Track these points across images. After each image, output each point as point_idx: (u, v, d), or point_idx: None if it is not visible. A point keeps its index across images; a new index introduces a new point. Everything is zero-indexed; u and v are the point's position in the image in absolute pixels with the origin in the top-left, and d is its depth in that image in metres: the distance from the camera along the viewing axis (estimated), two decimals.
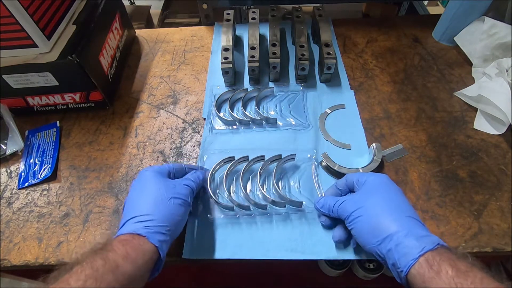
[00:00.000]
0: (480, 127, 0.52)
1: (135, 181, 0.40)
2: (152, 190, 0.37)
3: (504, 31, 0.56)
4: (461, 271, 0.27)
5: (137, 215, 0.35)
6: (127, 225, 0.34)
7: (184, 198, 0.38)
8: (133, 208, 0.36)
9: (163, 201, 0.36)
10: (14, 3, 0.43)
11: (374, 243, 0.33)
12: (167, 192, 0.37)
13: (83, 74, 0.50)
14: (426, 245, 0.30)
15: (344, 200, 0.38)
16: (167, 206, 0.36)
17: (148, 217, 0.34)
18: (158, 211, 0.35)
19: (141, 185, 0.38)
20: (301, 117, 0.55)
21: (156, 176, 0.38)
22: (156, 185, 0.37)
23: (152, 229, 0.34)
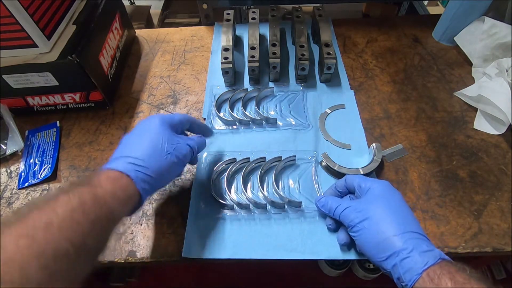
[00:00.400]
0: (480, 127, 0.52)
1: (141, 122, 0.39)
2: (154, 138, 0.36)
3: (504, 31, 0.56)
4: (459, 283, 0.29)
5: (132, 156, 0.34)
6: (119, 161, 0.34)
7: (182, 158, 0.38)
8: (130, 148, 0.36)
9: (161, 153, 0.36)
10: (14, 3, 0.43)
11: (380, 257, 0.34)
12: (168, 146, 0.36)
13: (83, 74, 0.50)
14: (429, 260, 0.31)
15: (347, 207, 0.38)
16: (163, 159, 0.36)
17: (141, 162, 0.34)
18: (153, 161, 0.35)
19: (146, 129, 0.38)
20: (301, 117, 0.55)
21: (163, 126, 0.38)
22: (159, 135, 0.37)
23: (142, 176, 0.34)
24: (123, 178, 0.33)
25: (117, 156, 0.35)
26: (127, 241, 0.43)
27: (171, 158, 0.36)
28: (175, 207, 0.46)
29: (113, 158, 0.36)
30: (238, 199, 0.45)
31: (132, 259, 0.41)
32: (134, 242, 0.43)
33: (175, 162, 0.37)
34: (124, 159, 0.34)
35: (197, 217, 0.44)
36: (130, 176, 0.33)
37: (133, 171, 0.33)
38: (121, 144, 0.38)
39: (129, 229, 0.44)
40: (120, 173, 0.33)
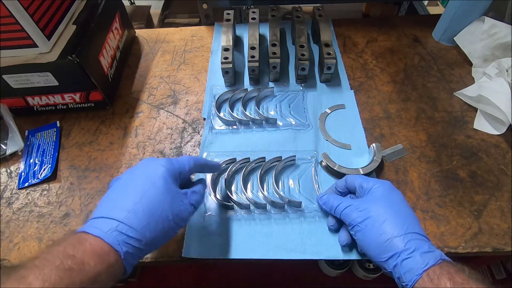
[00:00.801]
0: (480, 127, 0.53)
1: (141, 168, 0.33)
2: (154, 200, 0.31)
3: (504, 31, 0.56)
4: (458, 283, 0.29)
5: (125, 222, 0.29)
6: (107, 226, 0.28)
7: (181, 224, 0.33)
8: (123, 207, 0.30)
9: (158, 221, 0.30)
10: (14, 3, 0.43)
11: (382, 258, 0.34)
12: (169, 211, 0.31)
13: (83, 74, 0.50)
14: (430, 260, 0.32)
15: (349, 205, 0.38)
16: (159, 228, 0.30)
17: (134, 233, 0.29)
18: (147, 231, 0.30)
19: (146, 183, 0.31)
20: (301, 117, 0.55)
21: (167, 182, 0.32)
22: (161, 197, 0.31)
23: (132, 251, 0.29)
24: (111, 255, 0.27)
25: (106, 215, 0.29)
26: None
27: (169, 226, 0.31)
28: None
29: (101, 215, 0.30)
30: (238, 199, 0.45)
31: None
32: None
33: (172, 229, 0.32)
34: (115, 225, 0.29)
35: (197, 217, 0.44)
36: (118, 252, 0.28)
37: (123, 244, 0.28)
38: (113, 192, 0.32)
39: None
40: (108, 247, 0.28)
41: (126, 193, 0.31)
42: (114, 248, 0.28)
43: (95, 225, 0.29)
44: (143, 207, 0.30)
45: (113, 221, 0.29)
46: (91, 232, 0.28)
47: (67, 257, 0.26)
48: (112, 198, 0.32)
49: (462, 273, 0.30)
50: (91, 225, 0.29)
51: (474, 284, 0.29)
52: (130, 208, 0.30)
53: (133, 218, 0.29)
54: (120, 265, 0.28)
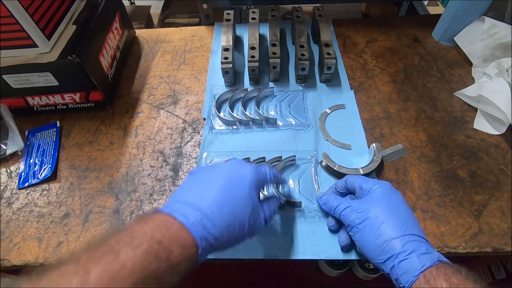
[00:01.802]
0: (480, 127, 0.52)
1: (233, 167, 0.33)
2: (239, 205, 0.31)
3: (504, 31, 0.56)
4: (454, 284, 0.29)
5: (208, 215, 0.29)
6: (193, 214, 0.29)
7: (252, 236, 0.33)
8: (210, 198, 0.30)
9: (237, 228, 0.31)
10: (14, 3, 0.43)
11: (379, 259, 0.34)
12: (249, 218, 0.31)
13: (83, 74, 0.50)
14: (426, 262, 0.32)
15: (348, 206, 0.38)
16: (236, 235, 0.31)
17: (215, 231, 0.29)
18: (226, 234, 0.30)
19: (235, 186, 0.32)
20: (301, 117, 0.55)
21: (253, 191, 0.32)
22: (245, 205, 0.31)
23: (208, 247, 0.29)
24: (192, 247, 0.28)
25: (192, 203, 0.30)
26: None
27: (242, 234, 0.31)
28: None
29: (187, 201, 0.30)
30: None
31: None
32: None
33: (242, 238, 0.32)
34: (200, 217, 0.29)
35: None
36: (198, 246, 0.28)
37: (204, 239, 0.29)
38: (200, 182, 0.32)
39: None
40: (191, 239, 0.28)
41: (213, 186, 0.31)
42: (196, 241, 0.28)
43: (180, 210, 0.29)
44: (227, 208, 0.30)
45: (199, 212, 0.29)
46: (178, 218, 0.28)
47: (155, 241, 0.26)
48: (198, 186, 0.32)
49: (459, 274, 0.30)
50: (177, 209, 0.29)
51: (471, 284, 0.29)
52: (216, 204, 0.30)
53: (217, 215, 0.30)
54: (195, 259, 0.29)
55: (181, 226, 0.28)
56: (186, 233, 0.28)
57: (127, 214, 0.45)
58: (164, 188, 0.48)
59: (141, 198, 0.47)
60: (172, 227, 0.28)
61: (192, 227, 0.28)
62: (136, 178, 0.49)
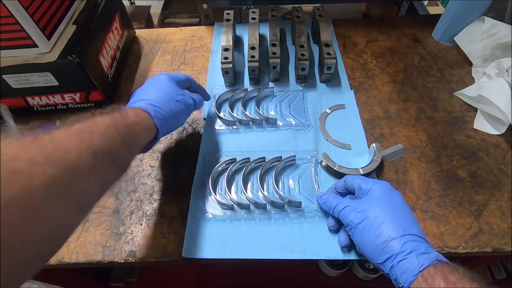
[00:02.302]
0: (480, 127, 0.53)
1: (150, 79, 0.45)
2: (165, 88, 0.43)
3: (504, 31, 0.56)
4: (451, 283, 0.30)
5: (149, 99, 0.40)
6: (139, 103, 0.39)
7: (187, 107, 0.44)
8: (146, 94, 0.41)
9: (171, 100, 0.42)
10: (14, 3, 0.43)
11: (379, 260, 0.34)
12: (176, 95, 0.43)
13: (83, 74, 0.50)
14: (425, 261, 0.32)
15: (347, 206, 0.38)
16: (173, 104, 0.42)
17: (157, 104, 0.40)
18: (166, 104, 0.41)
19: (156, 83, 0.43)
20: (301, 117, 0.55)
21: (170, 80, 0.44)
22: (168, 87, 0.43)
23: (158, 114, 0.39)
24: (144, 113, 0.38)
25: (135, 100, 0.40)
26: (127, 241, 0.43)
27: (179, 105, 0.42)
28: (175, 207, 0.46)
29: (132, 102, 0.41)
30: (238, 199, 0.45)
31: (132, 259, 0.41)
32: (134, 242, 0.43)
33: (182, 109, 0.43)
34: (143, 101, 0.40)
35: (197, 217, 0.44)
36: (149, 113, 0.38)
37: (151, 109, 0.39)
38: (137, 93, 0.43)
39: (129, 229, 0.44)
40: (141, 109, 0.38)
41: (144, 90, 0.43)
42: (145, 110, 0.38)
43: (128, 105, 0.40)
44: (158, 91, 0.42)
45: (140, 100, 0.40)
46: (126, 107, 0.38)
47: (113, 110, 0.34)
48: (136, 95, 0.42)
49: (456, 272, 0.31)
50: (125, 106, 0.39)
51: (468, 283, 0.29)
52: (152, 93, 0.41)
53: (152, 96, 0.41)
54: (152, 122, 0.38)
55: (131, 107, 0.38)
56: (136, 109, 0.38)
57: (127, 214, 0.45)
58: (164, 188, 0.48)
59: (141, 198, 0.47)
60: (125, 108, 0.37)
61: (139, 106, 0.39)
62: (136, 178, 0.49)
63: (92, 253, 0.42)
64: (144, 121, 0.37)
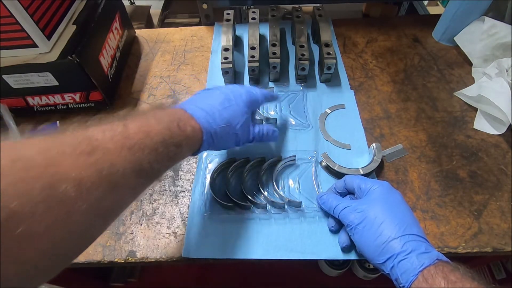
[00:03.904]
0: (480, 127, 0.52)
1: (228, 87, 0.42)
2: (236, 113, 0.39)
3: (504, 31, 0.56)
4: (452, 282, 0.30)
5: (216, 118, 0.36)
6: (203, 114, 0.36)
7: (242, 139, 0.41)
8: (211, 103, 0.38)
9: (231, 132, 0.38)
10: (14, 3, 0.43)
11: (379, 260, 0.34)
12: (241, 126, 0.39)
13: (83, 74, 0.50)
14: (425, 261, 0.32)
15: (347, 206, 0.38)
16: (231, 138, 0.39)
17: (217, 127, 0.36)
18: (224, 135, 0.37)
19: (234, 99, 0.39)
20: (301, 117, 0.55)
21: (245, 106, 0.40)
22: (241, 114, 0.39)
23: (209, 138, 0.36)
24: (198, 132, 0.35)
25: (199, 102, 0.37)
26: (127, 241, 0.43)
27: (234, 137, 0.39)
28: (175, 207, 0.46)
29: (195, 100, 0.38)
30: (238, 199, 0.45)
31: (132, 259, 0.41)
32: (134, 242, 0.43)
33: (233, 142, 0.40)
34: (205, 114, 0.36)
35: (197, 217, 0.44)
36: (203, 133, 0.35)
37: (206, 130, 0.35)
38: (207, 93, 0.40)
39: (129, 229, 0.44)
40: (198, 126, 0.35)
41: (215, 99, 0.38)
42: (201, 127, 0.35)
43: (190, 108, 0.36)
44: (225, 114, 0.38)
45: (204, 112, 0.36)
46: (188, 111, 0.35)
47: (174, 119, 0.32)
48: (204, 98, 0.39)
49: (457, 272, 0.31)
50: (187, 107, 0.36)
51: (468, 282, 0.30)
52: (217, 110, 0.37)
53: (217, 116, 0.37)
54: (200, 143, 0.35)
55: (191, 116, 0.35)
56: (195, 121, 0.35)
57: (127, 214, 0.45)
58: (164, 188, 0.48)
59: (141, 198, 0.47)
60: (184, 115, 0.34)
61: (199, 119, 0.35)
62: None
63: (92, 253, 0.42)
64: (196, 140, 0.35)
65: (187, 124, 0.33)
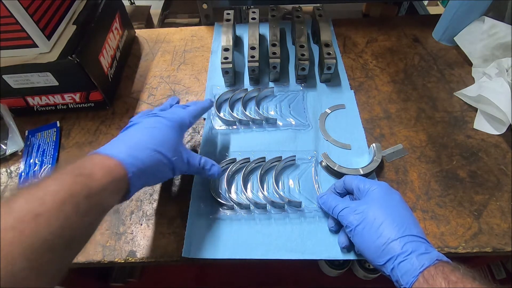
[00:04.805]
0: (480, 127, 0.52)
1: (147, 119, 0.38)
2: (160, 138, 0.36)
3: (504, 31, 0.56)
4: (452, 282, 0.30)
5: (133, 147, 0.33)
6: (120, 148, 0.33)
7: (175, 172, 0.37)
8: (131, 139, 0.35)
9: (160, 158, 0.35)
10: (14, 3, 0.43)
11: (379, 262, 0.34)
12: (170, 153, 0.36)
13: (83, 74, 0.50)
14: (425, 262, 0.32)
15: (346, 207, 0.38)
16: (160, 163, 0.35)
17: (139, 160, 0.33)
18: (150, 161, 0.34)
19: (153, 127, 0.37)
20: (301, 117, 0.55)
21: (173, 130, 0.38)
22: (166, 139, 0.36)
23: (137, 171, 0.32)
24: (118, 170, 0.31)
25: (117, 142, 0.34)
26: (127, 241, 0.43)
27: (168, 166, 0.36)
28: (175, 207, 0.46)
29: (113, 142, 0.35)
30: (238, 199, 0.45)
31: (132, 259, 0.41)
32: (134, 242, 0.43)
33: (169, 171, 0.37)
34: (125, 148, 0.33)
35: (197, 217, 0.44)
36: (126, 170, 0.31)
37: (131, 165, 0.32)
38: (125, 133, 0.37)
39: (129, 229, 0.44)
40: (117, 163, 0.31)
41: (138, 132, 0.36)
42: (122, 164, 0.31)
43: (107, 148, 0.33)
44: (152, 142, 0.35)
45: (124, 146, 0.33)
46: (102, 152, 0.32)
47: (78, 167, 0.29)
48: (123, 135, 0.36)
49: (457, 272, 0.31)
50: (103, 148, 0.33)
51: (468, 282, 0.30)
52: (141, 140, 0.35)
53: (142, 147, 0.34)
54: (126, 182, 0.32)
55: (106, 156, 0.31)
56: (110, 159, 0.31)
57: (127, 214, 0.45)
58: (164, 188, 0.48)
59: (141, 198, 0.47)
60: (97, 157, 0.31)
61: (116, 155, 0.32)
62: None
63: (92, 253, 0.42)
64: (114, 183, 0.30)
65: (97, 167, 0.30)
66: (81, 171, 0.29)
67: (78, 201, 0.27)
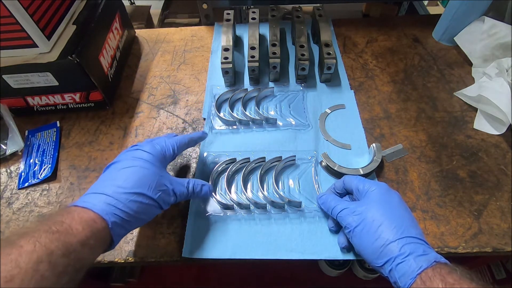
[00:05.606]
0: (480, 127, 0.52)
1: (127, 154, 0.37)
2: (140, 178, 0.34)
3: (504, 31, 0.56)
4: (449, 284, 0.30)
5: (112, 196, 0.32)
6: (97, 199, 0.32)
7: (164, 207, 0.36)
8: (112, 184, 0.33)
9: (144, 199, 0.34)
10: (14, 3, 0.43)
11: (378, 263, 0.34)
12: (153, 192, 0.34)
13: (83, 74, 0.50)
14: (423, 263, 0.32)
15: (345, 208, 0.38)
16: (145, 205, 0.34)
17: (121, 205, 0.32)
18: (134, 205, 0.33)
19: (132, 165, 0.35)
20: (301, 117, 0.55)
21: (153, 165, 0.36)
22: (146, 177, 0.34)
23: (119, 221, 0.31)
24: (98, 222, 0.30)
25: (95, 192, 0.33)
26: (127, 241, 0.43)
27: (153, 205, 0.35)
28: (175, 207, 0.46)
29: (91, 192, 0.33)
30: (238, 199, 0.45)
31: (132, 259, 0.41)
32: (134, 242, 0.43)
33: (155, 209, 0.35)
34: (103, 198, 0.32)
35: (197, 217, 0.44)
36: (106, 221, 0.30)
37: (111, 214, 0.31)
38: (103, 176, 0.35)
39: None
40: (96, 215, 0.30)
41: (115, 175, 0.35)
42: (101, 216, 0.30)
43: (85, 199, 0.32)
44: (130, 185, 0.33)
45: (102, 195, 0.32)
46: (80, 205, 0.31)
47: (55, 223, 0.28)
48: (101, 179, 0.35)
49: (454, 273, 0.31)
50: (81, 200, 0.32)
51: (466, 283, 0.30)
52: (118, 184, 0.33)
53: (121, 193, 0.32)
54: (108, 233, 0.31)
55: (84, 209, 0.31)
56: (89, 212, 0.30)
57: None
58: None
59: None
60: (74, 212, 0.30)
61: (95, 207, 0.31)
62: None
63: None
64: (94, 237, 0.29)
65: (75, 221, 0.29)
66: (58, 228, 0.28)
67: (55, 260, 0.26)
